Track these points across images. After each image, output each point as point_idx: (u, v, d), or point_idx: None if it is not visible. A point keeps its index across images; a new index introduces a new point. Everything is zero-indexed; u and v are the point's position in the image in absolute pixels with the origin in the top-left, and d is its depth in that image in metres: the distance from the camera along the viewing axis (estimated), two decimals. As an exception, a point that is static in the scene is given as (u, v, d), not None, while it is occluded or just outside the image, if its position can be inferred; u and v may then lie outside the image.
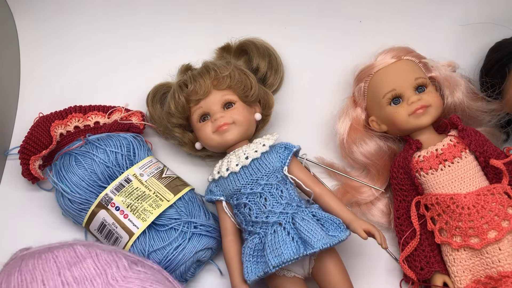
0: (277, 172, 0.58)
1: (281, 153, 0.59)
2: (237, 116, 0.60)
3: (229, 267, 0.57)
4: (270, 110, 0.66)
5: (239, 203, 0.57)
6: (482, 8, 0.74)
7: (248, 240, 0.56)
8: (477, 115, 0.63)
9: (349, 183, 0.65)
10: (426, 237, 0.59)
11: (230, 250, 0.57)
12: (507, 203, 0.55)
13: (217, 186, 0.59)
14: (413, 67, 0.62)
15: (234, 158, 0.58)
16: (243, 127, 0.60)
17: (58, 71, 0.74)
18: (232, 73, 0.61)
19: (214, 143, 0.60)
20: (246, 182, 0.57)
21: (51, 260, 0.46)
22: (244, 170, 0.58)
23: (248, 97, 0.62)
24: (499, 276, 0.53)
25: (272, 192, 0.56)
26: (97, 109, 0.68)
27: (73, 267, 0.45)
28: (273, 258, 0.52)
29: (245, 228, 0.57)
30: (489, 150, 0.58)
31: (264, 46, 0.69)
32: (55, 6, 0.77)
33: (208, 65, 0.62)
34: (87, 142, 0.62)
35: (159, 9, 0.77)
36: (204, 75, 0.61)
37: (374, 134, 0.64)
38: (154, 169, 0.62)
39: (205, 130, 0.60)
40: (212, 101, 0.60)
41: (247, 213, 0.56)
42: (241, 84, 0.62)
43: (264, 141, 0.60)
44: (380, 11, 0.75)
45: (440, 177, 0.58)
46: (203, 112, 0.61)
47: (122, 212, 0.58)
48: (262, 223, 0.55)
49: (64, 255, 0.46)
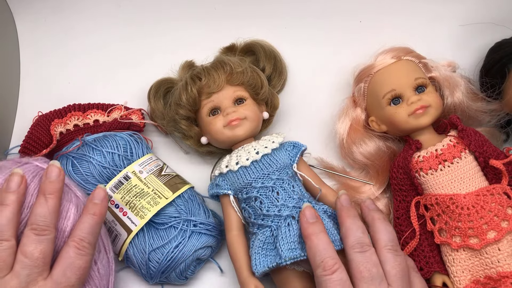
0: (287, 168, 0.58)
1: (290, 151, 0.60)
2: (249, 112, 0.60)
3: (236, 262, 0.56)
4: (275, 111, 0.67)
5: (249, 197, 0.57)
6: (482, 8, 0.74)
7: (258, 233, 0.55)
8: (477, 115, 0.63)
9: (348, 183, 0.65)
10: (426, 237, 0.59)
11: (236, 244, 0.57)
12: (507, 203, 0.55)
13: (224, 180, 0.59)
14: (413, 67, 0.62)
15: (243, 153, 0.59)
16: (253, 123, 0.61)
17: (58, 70, 0.74)
18: (246, 70, 0.62)
19: (224, 137, 0.60)
20: (257, 176, 0.57)
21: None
22: (255, 165, 0.58)
23: (258, 95, 0.63)
24: (498, 276, 0.53)
25: (284, 186, 0.56)
26: (96, 107, 0.67)
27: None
28: (287, 251, 0.52)
29: (254, 222, 0.56)
30: (489, 150, 0.58)
31: (270, 48, 0.70)
32: (55, 6, 0.77)
33: (223, 59, 0.63)
34: (84, 144, 0.62)
35: (158, 8, 0.77)
36: (218, 69, 0.61)
37: (373, 134, 0.64)
38: (153, 167, 0.62)
39: (216, 123, 0.60)
40: (224, 96, 0.61)
41: (257, 206, 0.56)
42: (253, 82, 0.62)
43: (273, 138, 0.60)
44: (380, 11, 0.75)
45: (439, 177, 0.58)
46: (214, 106, 0.61)
47: (121, 210, 0.58)
48: (274, 216, 0.55)
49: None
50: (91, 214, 0.50)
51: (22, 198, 0.48)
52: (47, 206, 0.48)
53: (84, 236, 0.49)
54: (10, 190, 0.48)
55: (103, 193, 0.52)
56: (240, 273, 0.55)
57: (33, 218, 0.47)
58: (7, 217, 0.46)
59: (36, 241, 0.46)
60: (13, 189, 0.48)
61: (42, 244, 0.46)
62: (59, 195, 0.49)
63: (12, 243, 0.46)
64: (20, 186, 0.48)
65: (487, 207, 0.55)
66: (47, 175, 0.50)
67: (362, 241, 0.50)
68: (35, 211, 0.48)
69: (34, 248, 0.46)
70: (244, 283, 0.54)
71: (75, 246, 0.48)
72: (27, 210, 0.49)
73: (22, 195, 0.48)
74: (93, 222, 0.50)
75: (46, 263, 0.47)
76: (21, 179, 0.49)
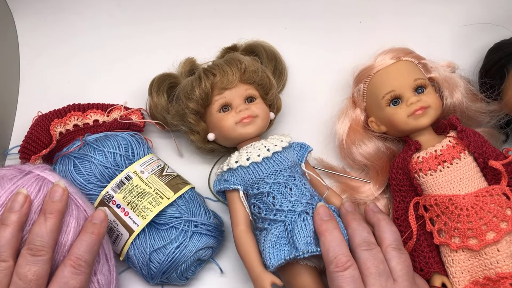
0: (297, 167, 0.59)
1: (298, 151, 0.61)
2: (260, 111, 0.61)
3: (246, 257, 0.55)
4: (277, 113, 0.67)
5: (261, 192, 0.57)
6: (481, 8, 0.74)
7: (271, 228, 0.55)
8: (476, 116, 0.64)
9: (348, 183, 0.65)
10: (425, 238, 0.59)
11: (245, 239, 0.56)
12: (506, 204, 0.55)
13: (234, 175, 0.59)
14: (412, 68, 0.62)
15: (253, 150, 0.59)
16: (264, 122, 0.61)
17: (58, 70, 0.74)
18: (258, 69, 0.63)
19: (236, 134, 0.60)
20: (269, 172, 0.57)
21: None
22: (267, 161, 0.58)
23: (267, 95, 0.64)
24: (497, 277, 0.53)
25: (297, 183, 0.57)
26: (96, 107, 0.67)
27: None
28: (304, 245, 0.52)
29: (265, 217, 0.56)
30: (488, 151, 0.58)
31: (271, 49, 0.70)
32: (55, 6, 0.77)
33: (238, 57, 0.63)
34: (85, 144, 0.62)
35: (158, 8, 0.77)
36: (233, 66, 0.62)
37: (373, 135, 0.64)
38: (155, 167, 0.62)
39: (227, 120, 0.60)
40: (236, 93, 0.61)
41: (270, 202, 0.56)
42: (263, 82, 0.63)
43: (281, 137, 0.61)
44: (379, 11, 0.76)
45: (439, 178, 0.58)
46: (225, 102, 0.61)
47: (123, 210, 0.58)
48: (288, 212, 0.55)
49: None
50: (90, 233, 0.51)
51: (24, 218, 0.49)
52: (46, 226, 0.48)
53: (81, 255, 0.49)
54: (13, 210, 0.48)
55: (103, 215, 0.53)
56: (252, 268, 0.54)
57: (31, 237, 0.48)
58: (6, 238, 0.47)
59: (31, 262, 0.47)
60: (15, 210, 0.48)
61: (37, 266, 0.47)
62: (60, 216, 0.50)
63: (9, 263, 0.46)
64: (23, 206, 0.49)
65: (486, 208, 0.55)
66: (50, 194, 0.50)
67: (368, 240, 0.52)
68: (33, 231, 0.48)
69: (28, 270, 0.46)
70: (259, 277, 0.53)
71: (71, 265, 0.48)
72: (29, 228, 0.49)
73: (24, 215, 0.49)
74: (91, 241, 0.50)
75: (39, 284, 0.47)
76: (25, 199, 0.49)
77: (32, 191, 0.51)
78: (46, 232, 0.48)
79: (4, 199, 0.50)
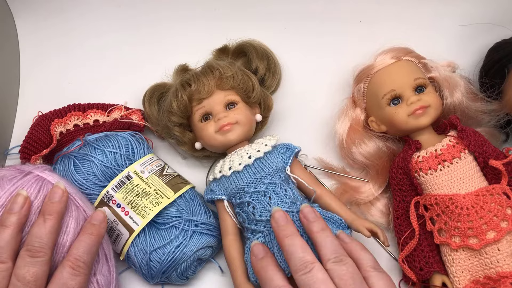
0: (280, 171, 0.58)
1: (283, 154, 0.59)
2: (240, 116, 0.60)
3: (231, 266, 0.56)
4: (269, 112, 0.67)
5: (242, 202, 0.57)
6: (482, 8, 0.74)
7: (252, 239, 0.56)
8: (477, 116, 0.64)
9: (348, 182, 0.65)
10: (425, 238, 0.59)
11: (231, 249, 0.57)
12: (506, 203, 0.55)
13: (218, 185, 0.59)
14: (412, 67, 0.62)
15: (236, 157, 0.59)
16: (245, 127, 0.60)
17: (58, 70, 0.74)
18: (236, 74, 0.62)
19: (217, 142, 0.60)
20: (250, 181, 0.57)
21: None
22: (247, 169, 0.58)
23: (250, 98, 0.63)
24: (498, 276, 0.53)
25: (276, 191, 0.56)
26: (96, 107, 0.67)
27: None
28: (284, 262, 0.51)
29: (248, 227, 0.56)
30: (488, 150, 0.58)
31: (262, 48, 0.69)
32: (55, 6, 0.77)
33: (212, 64, 0.62)
34: (85, 143, 0.62)
35: (158, 9, 0.77)
36: (208, 75, 0.61)
37: (373, 135, 0.64)
38: (155, 167, 0.62)
39: (208, 129, 0.60)
40: (215, 101, 0.61)
41: (250, 212, 0.56)
42: (243, 85, 0.62)
43: (266, 141, 0.60)
44: (380, 11, 0.76)
45: (439, 177, 0.58)
46: (205, 111, 0.61)
47: (123, 209, 0.58)
48: (266, 222, 0.55)
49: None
50: (89, 233, 0.51)
51: (23, 220, 0.49)
52: (45, 227, 0.48)
53: (80, 256, 0.49)
54: (12, 211, 0.48)
55: (102, 216, 0.53)
56: (235, 279, 0.56)
57: (29, 239, 0.48)
58: (5, 239, 0.47)
59: (29, 263, 0.46)
60: (15, 211, 0.48)
61: (35, 267, 0.46)
62: (59, 217, 0.50)
63: (8, 265, 0.46)
64: (22, 208, 0.49)
65: (487, 207, 0.55)
66: (50, 195, 0.50)
67: (304, 260, 0.48)
68: (32, 232, 0.48)
69: (26, 271, 0.46)
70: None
71: (70, 266, 0.48)
72: (28, 229, 0.49)
73: (24, 216, 0.49)
74: (90, 242, 0.50)
75: (38, 285, 0.46)
76: (25, 201, 0.49)
77: (31, 192, 0.51)
78: (45, 233, 0.48)
79: (4, 200, 0.50)
